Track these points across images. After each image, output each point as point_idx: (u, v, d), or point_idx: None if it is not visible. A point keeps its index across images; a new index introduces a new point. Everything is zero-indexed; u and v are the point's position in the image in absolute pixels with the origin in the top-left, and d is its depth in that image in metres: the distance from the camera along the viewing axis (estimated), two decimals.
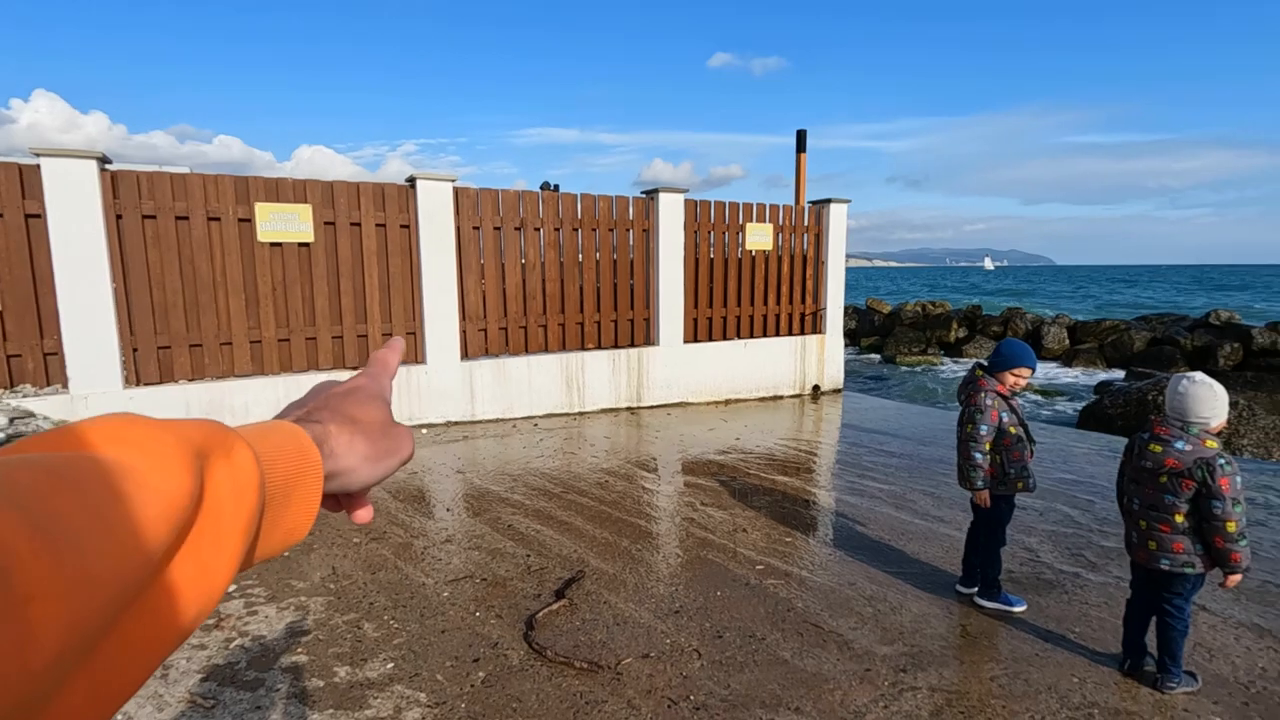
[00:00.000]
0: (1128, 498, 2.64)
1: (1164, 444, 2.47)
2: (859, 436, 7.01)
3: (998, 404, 3.20)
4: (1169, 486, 2.46)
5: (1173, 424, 2.49)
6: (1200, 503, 2.42)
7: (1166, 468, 2.45)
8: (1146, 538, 2.55)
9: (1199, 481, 2.39)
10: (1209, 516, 2.40)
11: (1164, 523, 2.49)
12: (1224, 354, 14.82)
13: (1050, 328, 18.62)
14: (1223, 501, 2.37)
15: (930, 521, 4.48)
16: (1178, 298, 53.18)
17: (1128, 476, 2.64)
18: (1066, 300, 51.86)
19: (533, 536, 4.20)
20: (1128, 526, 2.66)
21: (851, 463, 6.02)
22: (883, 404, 9.09)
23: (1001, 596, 3.32)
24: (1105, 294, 62.66)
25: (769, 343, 8.99)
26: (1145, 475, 2.53)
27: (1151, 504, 2.52)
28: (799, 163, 9.66)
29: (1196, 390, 2.45)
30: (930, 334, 19.72)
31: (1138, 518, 2.58)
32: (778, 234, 8.99)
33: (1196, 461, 2.40)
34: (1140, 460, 2.54)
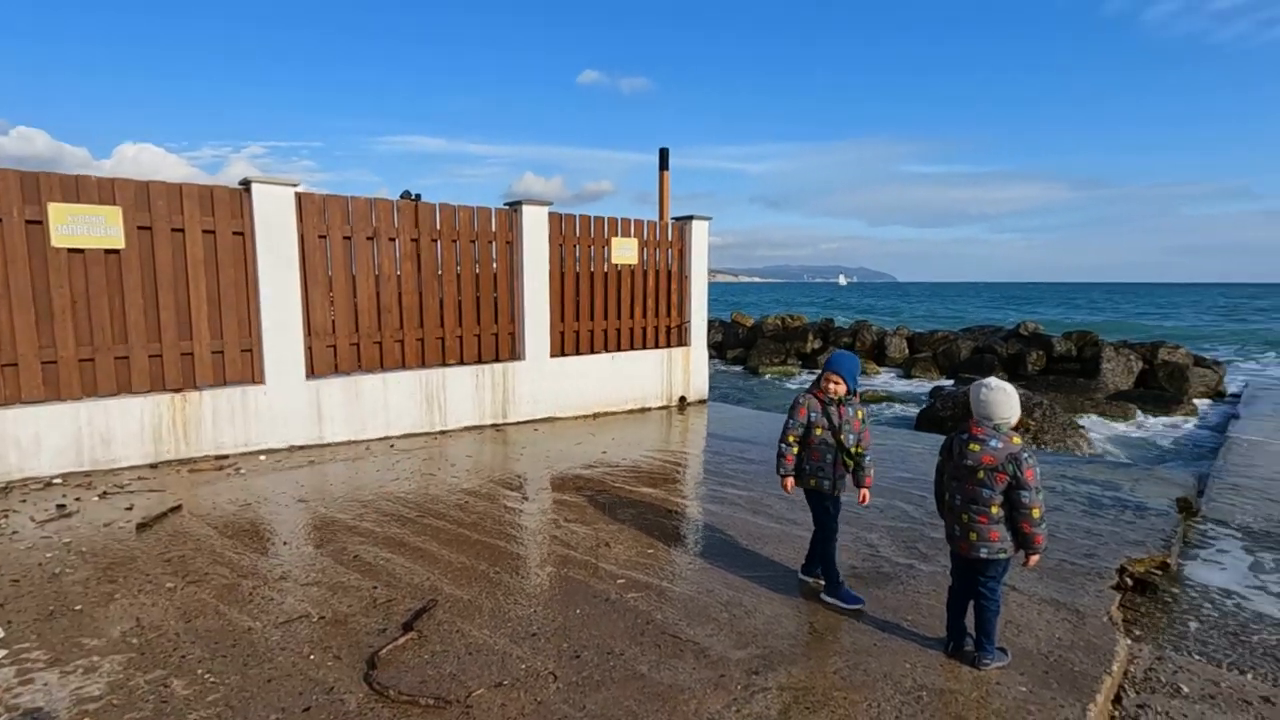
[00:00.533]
0: (949, 494, 2.88)
1: (981, 443, 2.72)
2: (721, 445, 7.23)
3: (809, 404, 3.46)
4: (986, 481, 2.71)
5: (985, 424, 2.75)
6: (1010, 493, 2.68)
7: (984, 464, 2.70)
8: (968, 530, 2.79)
9: (1010, 475, 2.66)
10: (1018, 505, 2.67)
11: (982, 515, 2.74)
12: (1031, 360, 16.90)
13: (892, 339, 20.38)
14: (1029, 491, 2.65)
15: (784, 524, 4.67)
16: (995, 311, 60.17)
17: (948, 474, 2.88)
18: (907, 313, 57.13)
19: (381, 566, 3.91)
20: (949, 521, 2.90)
21: (714, 471, 6.19)
22: (745, 413, 9.47)
23: (840, 592, 3.51)
24: (938, 307, 69.74)
25: (636, 356, 9.09)
26: (965, 472, 2.77)
27: (971, 498, 2.76)
28: (662, 180, 9.92)
29: (994, 395, 2.73)
30: (789, 345, 20.92)
31: (959, 512, 2.82)
32: (642, 249, 9.14)
33: (1008, 457, 2.66)
34: (961, 459, 2.77)
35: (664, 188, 9.94)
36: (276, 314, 6.41)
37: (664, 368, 9.37)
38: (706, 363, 10.05)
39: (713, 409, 9.46)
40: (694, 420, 8.62)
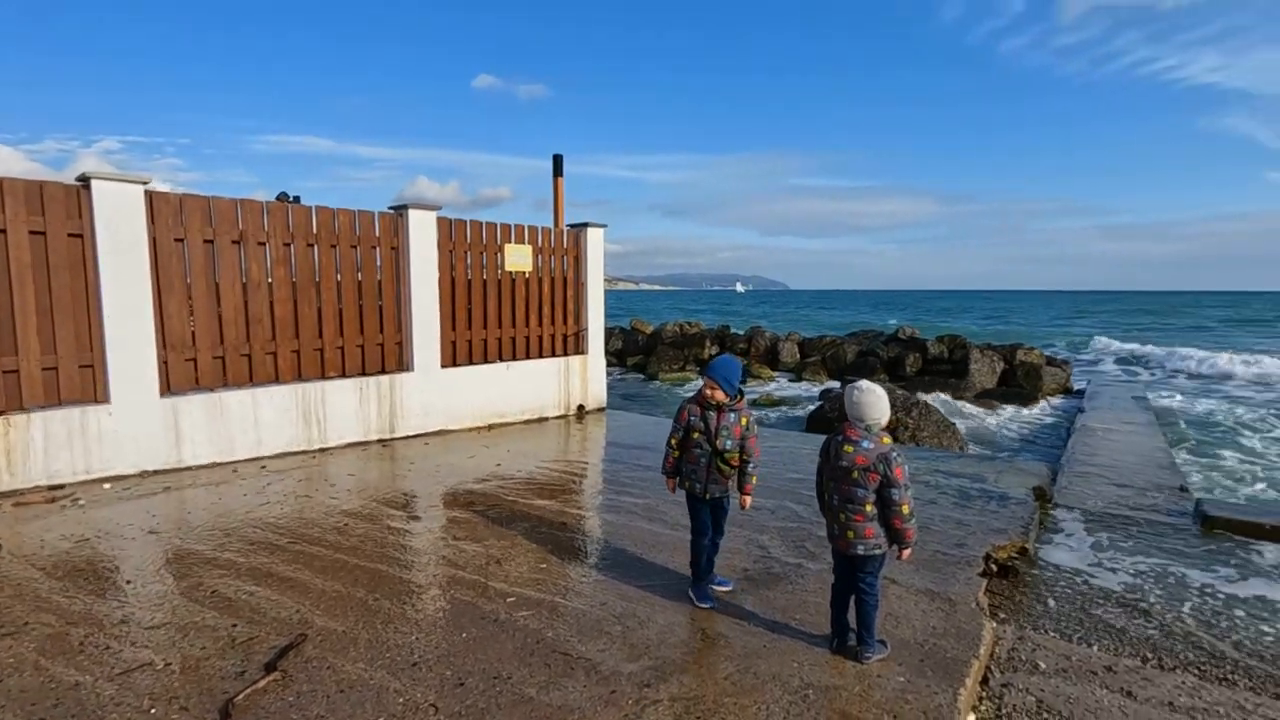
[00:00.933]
0: (828, 495, 2.96)
1: (854, 444, 2.82)
2: (619, 453, 7.19)
3: (689, 409, 3.50)
4: (860, 481, 2.80)
5: (858, 426, 2.85)
6: (881, 491, 2.79)
7: (857, 465, 2.79)
8: (845, 528, 2.88)
9: (881, 474, 2.76)
10: (888, 502, 2.78)
11: (858, 513, 2.83)
12: (909, 363, 18.08)
13: (784, 344, 21.21)
14: (899, 488, 2.76)
15: (679, 531, 4.67)
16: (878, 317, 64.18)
17: (826, 475, 2.97)
18: (798, 320, 59.80)
19: (244, 601, 3.55)
20: (829, 520, 2.99)
21: (611, 479, 6.14)
22: (643, 420, 9.49)
23: (696, 589, 3.59)
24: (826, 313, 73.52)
25: (533, 364, 8.92)
26: (841, 473, 2.85)
27: (848, 498, 2.85)
28: (556, 186, 9.82)
29: (865, 397, 2.84)
30: (688, 352, 21.31)
31: (837, 511, 2.90)
32: (538, 256, 8.99)
33: (879, 457, 2.77)
34: (837, 460, 2.86)
35: (558, 194, 9.84)
36: (123, 325, 5.76)
37: (562, 376, 9.24)
38: (605, 370, 10.01)
39: (612, 417, 9.42)
40: (592, 429, 8.54)
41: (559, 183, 9.92)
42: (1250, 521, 5.31)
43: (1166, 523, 5.45)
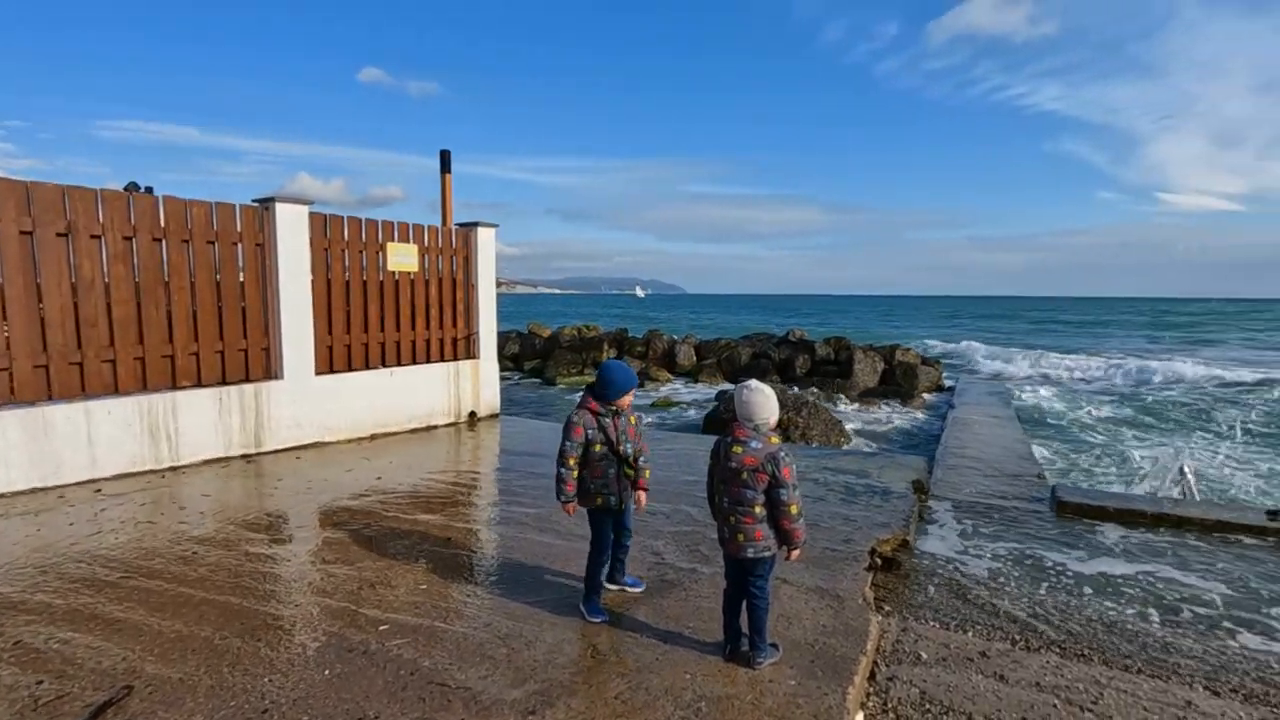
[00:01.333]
0: (718, 497, 2.89)
1: (743, 445, 2.76)
2: (512, 461, 6.91)
3: (583, 421, 3.30)
4: (749, 482, 2.74)
5: (746, 426, 2.79)
6: (770, 491, 2.74)
7: (746, 465, 2.73)
8: (735, 531, 2.81)
9: (769, 474, 2.71)
10: (777, 502, 2.74)
11: (748, 515, 2.77)
12: (799, 364, 18.80)
13: (681, 347, 21.49)
14: (787, 488, 2.72)
15: (572, 540, 4.49)
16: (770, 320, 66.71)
17: (717, 478, 2.90)
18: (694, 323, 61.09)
19: (55, 652, 3.03)
20: (719, 523, 2.92)
21: (503, 489, 5.86)
22: (539, 425, 9.23)
23: (587, 603, 3.44)
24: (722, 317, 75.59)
25: (419, 370, 8.44)
26: (730, 474, 2.79)
27: (737, 500, 2.79)
28: (444, 183, 9.38)
29: (753, 397, 2.79)
30: (586, 355, 21.13)
31: (727, 514, 2.83)
32: (424, 256, 8.53)
33: (767, 456, 2.72)
34: (726, 461, 2.79)
35: (446, 191, 9.41)
36: None
37: (451, 382, 8.82)
38: (498, 375, 9.66)
39: (506, 423, 9.09)
40: (485, 436, 8.19)
41: (447, 180, 9.48)
42: (1096, 505, 5.80)
43: (1028, 509, 5.85)
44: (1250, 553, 4.87)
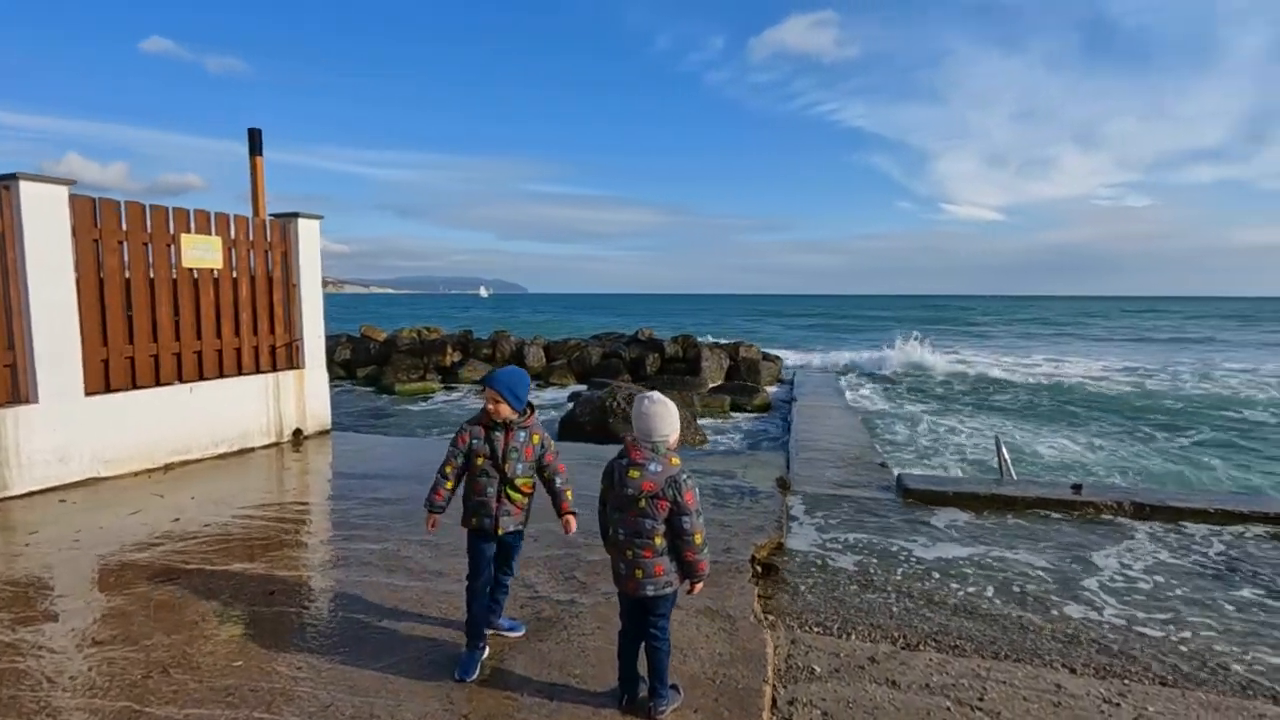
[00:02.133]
0: (613, 528, 2.52)
1: (640, 468, 2.41)
2: (350, 485, 6.05)
3: (472, 430, 2.95)
4: (648, 510, 2.41)
5: (644, 446, 2.45)
6: (671, 520, 2.42)
7: (644, 491, 2.39)
8: (634, 567, 2.46)
9: (671, 500, 2.39)
10: (679, 532, 2.43)
11: (647, 548, 2.43)
12: (649, 363, 18.95)
13: (530, 348, 20.86)
14: (690, 516, 2.42)
15: (428, 579, 3.90)
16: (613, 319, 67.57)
17: (611, 505, 2.53)
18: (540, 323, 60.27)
19: None
20: (614, 558, 2.55)
21: (340, 522, 5.06)
22: (379, 441, 8.29)
23: (465, 655, 2.97)
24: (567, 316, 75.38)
25: (229, 384, 7.21)
26: (627, 502, 2.44)
27: (635, 530, 2.44)
28: (255, 167, 8.11)
29: (654, 409, 2.47)
30: (428, 360, 19.82)
31: (624, 548, 2.47)
32: (230, 250, 7.29)
33: (668, 480, 2.40)
34: (622, 488, 2.43)
35: (258, 177, 8.14)
36: None
37: (270, 396, 7.64)
38: (328, 386, 8.56)
39: (339, 440, 8.06)
40: (314, 457, 7.17)
41: (258, 163, 8.21)
42: (937, 490, 6.18)
43: (879, 499, 6.10)
44: (1060, 526, 5.39)
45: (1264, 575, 4.44)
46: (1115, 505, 5.80)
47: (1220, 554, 4.83)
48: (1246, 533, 5.24)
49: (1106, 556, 4.75)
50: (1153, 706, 2.96)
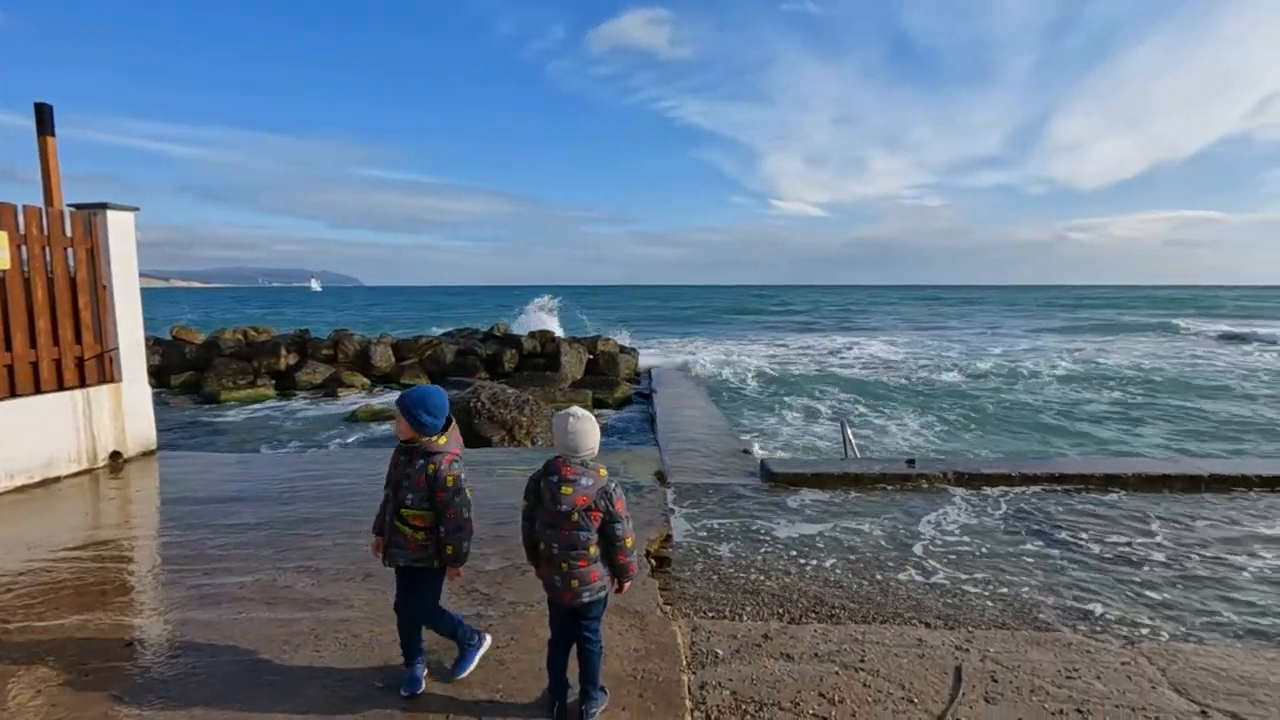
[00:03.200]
0: (544, 544, 2.56)
1: (572, 483, 2.47)
2: (196, 512, 5.43)
3: (394, 453, 2.86)
4: (582, 523, 2.47)
5: (573, 462, 2.51)
6: (605, 528, 2.51)
7: (578, 506, 2.45)
8: (569, 578, 2.52)
9: (603, 511, 2.48)
10: (612, 538, 2.53)
11: (582, 559, 2.51)
12: (507, 359, 18.63)
13: (377, 348, 19.65)
14: (621, 522, 2.53)
15: (317, 609, 3.66)
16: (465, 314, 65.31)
17: (540, 522, 2.56)
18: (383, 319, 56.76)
19: None
20: (547, 572, 2.58)
21: (194, 554, 4.54)
22: (220, 460, 7.49)
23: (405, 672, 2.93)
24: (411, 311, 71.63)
25: (24, 404, 6.15)
26: (560, 518, 2.49)
27: (571, 544, 2.50)
28: (45, 148, 6.92)
29: (581, 425, 2.53)
30: (259, 363, 18.01)
31: (558, 561, 2.52)
32: (20, 247, 6.20)
33: (599, 493, 2.48)
34: (555, 504, 2.48)
35: (50, 160, 6.96)
36: None
37: (79, 416, 6.62)
38: (151, 401, 7.57)
39: (170, 462, 7.17)
40: (141, 483, 6.33)
41: (49, 143, 7.01)
42: (797, 473, 6.78)
43: (748, 485, 6.58)
44: (898, 497, 6.15)
45: (1049, 528, 5.39)
46: (941, 475, 6.71)
47: (1019, 511, 5.77)
48: (1032, 490, 6.31)
49: (933, 522, 5.48)
50: (993, 647, 3.53)
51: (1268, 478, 6.55)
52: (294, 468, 6.81)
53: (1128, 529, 5.36)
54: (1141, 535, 5.23)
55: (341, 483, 6.18)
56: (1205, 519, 5.57)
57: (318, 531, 4.88)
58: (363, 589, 3.89)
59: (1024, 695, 3.11)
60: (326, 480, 6.24)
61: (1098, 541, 5.10)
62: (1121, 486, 6.49)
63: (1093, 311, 65.71)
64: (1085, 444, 12.04)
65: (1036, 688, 3.16)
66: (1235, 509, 5.81)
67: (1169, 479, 6.60)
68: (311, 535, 4.80)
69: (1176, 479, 6.59)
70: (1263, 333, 33.67)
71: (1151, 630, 3.86)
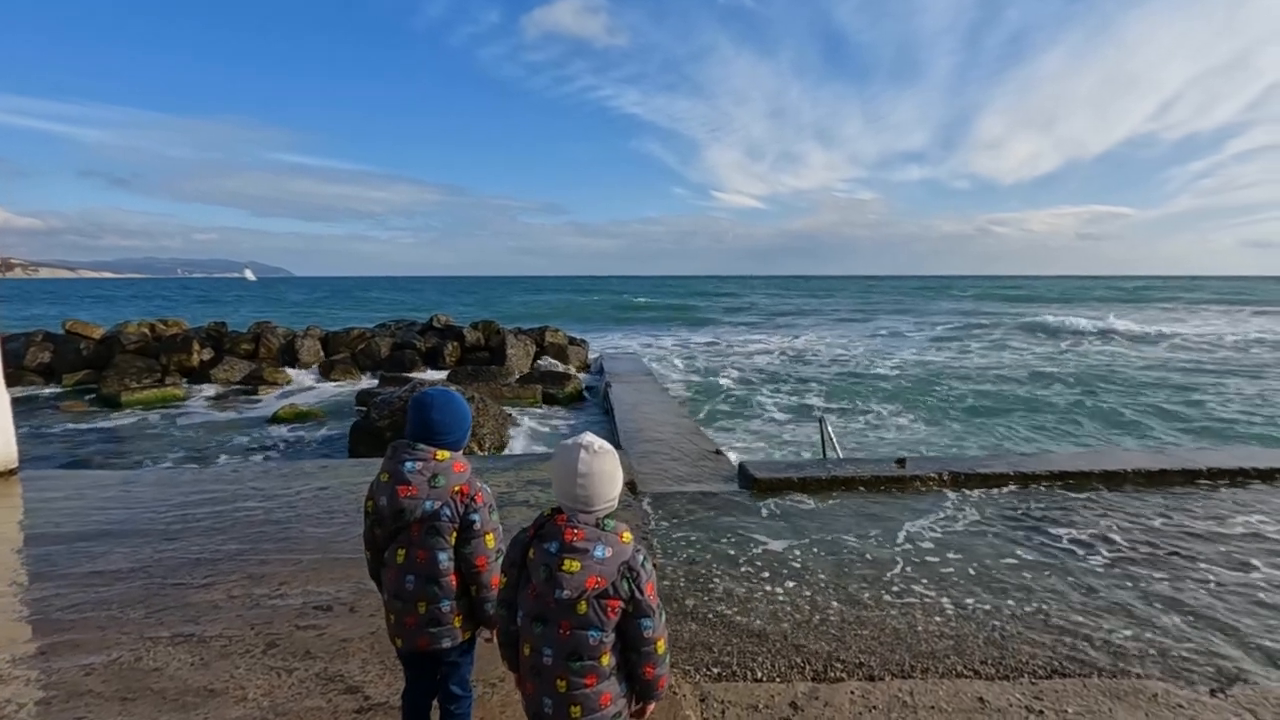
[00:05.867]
0: (529, 648, 1.66)
1: (581, 556, 1.58)
2: (52, 556, 4.26)
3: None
4: (593, 619, 1.59)
5: (583, 522, 1.63)
6: (626, 625, 1.64)
7: (588, 590, 1.57)
8: (568, 703, 1.62)
9: (626, 599, 1.60)
10: (638, 642, 1.65)
11: (590, 674, 1.61)
12: (448, 352, 17.41)
13: (304, 340, 18.09)
14: (653, 616, 1.66)
15: (194, 706, 2.66)
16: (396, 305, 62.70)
17: (528, 614, 1.66)
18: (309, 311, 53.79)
19: None
20: (533, 690, 1.67)
21: (31, 619, 3.43)
22: (98, 479, 6.21)
23: None
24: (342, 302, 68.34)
25: None
26: (561, 609, 1.60)
27: (573, 652, 1.61)
28: None
29: (599, 464, 1.65)
30: (168, 359, 16.24)
31: (553, 677, 1.62)
32: None
33: (621, 570, 1.61)
34: (554, 589, 1.58)
35: None
36: None
37: None
38: (9, 410, 6.24)
39: (33, 485, 5.88)
40: None
41: None
42: (783, 477, 6.06)
43: (724, 490, 5.83)
44: (894, 502, 5.49)
45: (1065, 534, 4.82)
46: (936, 476, 6.12)
47: (1026, 514, 5.20)
48: (1032, 490, 5.78)
49: (940, 533, 4.83)
50: (1070, 707, 2.85)
51: (1264, 470, 6.26)
52: (190, 489, 5.64)
53: (1144, 529, 4.85)
54: (1164, 537, 4.72)
55: (248, 508, 5.08)
56: (1200, 514, 5.11)
57: (209, 578, 3.83)
58: (260, 669, 2.91)
59: None
60: (230, 505, 5.13)
61: (1117, 548, 4.55)
62: (1123, 483, 6.06)
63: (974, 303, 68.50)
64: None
65: None
66: (1232, 500, 5.41)
67: (1167, 474, 6.23)
68: (200, 584, 3.75)
69: (1175, 474, 6.22)
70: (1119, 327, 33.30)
71: (1227, 665, 3.27)
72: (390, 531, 1.97)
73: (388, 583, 2.00)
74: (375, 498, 1.98)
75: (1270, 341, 27.31)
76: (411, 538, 1.95)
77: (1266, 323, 37.56)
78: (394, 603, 1.99)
